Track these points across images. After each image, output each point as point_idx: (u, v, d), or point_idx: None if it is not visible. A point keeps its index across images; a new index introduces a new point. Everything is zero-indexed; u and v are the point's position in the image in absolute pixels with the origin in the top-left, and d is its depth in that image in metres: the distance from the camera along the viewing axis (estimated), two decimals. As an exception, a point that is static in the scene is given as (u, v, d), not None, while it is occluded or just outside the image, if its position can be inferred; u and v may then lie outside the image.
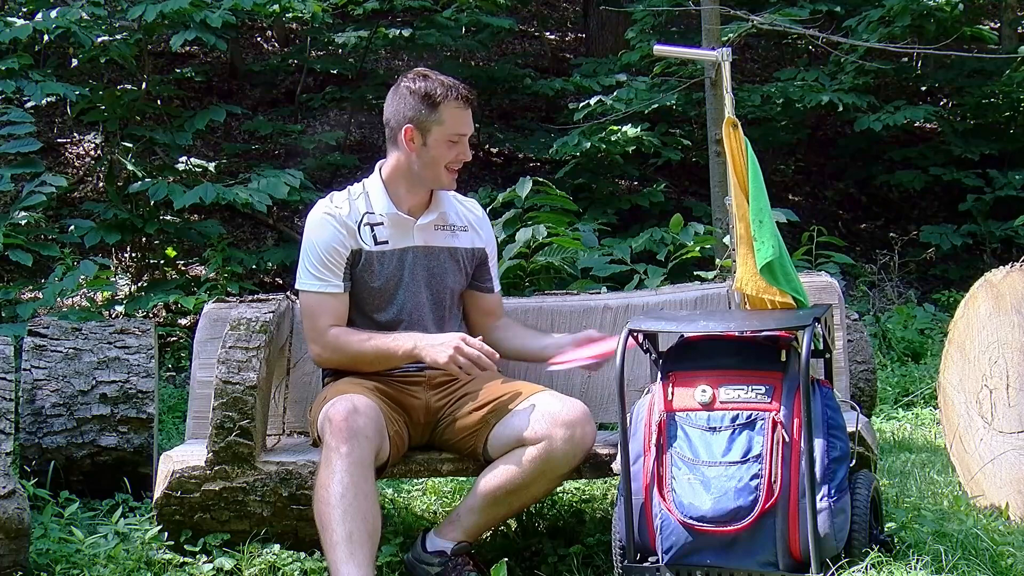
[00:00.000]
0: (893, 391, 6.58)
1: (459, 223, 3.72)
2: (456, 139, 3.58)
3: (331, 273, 3.59)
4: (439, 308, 3.67)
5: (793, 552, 3.06)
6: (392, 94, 3.63)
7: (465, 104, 3.58)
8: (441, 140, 3.57)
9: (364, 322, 3.63)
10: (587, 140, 9.05)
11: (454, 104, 3.56)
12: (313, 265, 3.60)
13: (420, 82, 3.58)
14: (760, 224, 3.29)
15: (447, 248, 3.68)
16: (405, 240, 3.63)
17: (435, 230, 3.67)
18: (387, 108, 3.64)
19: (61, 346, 4.45)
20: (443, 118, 3.55)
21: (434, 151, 3.57)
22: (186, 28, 7.94)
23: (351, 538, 3.16)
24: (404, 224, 3.63)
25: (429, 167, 3.59)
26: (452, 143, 3.58)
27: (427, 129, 3.56)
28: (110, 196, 8.33)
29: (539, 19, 13.53)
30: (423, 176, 3.61)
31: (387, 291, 3.62)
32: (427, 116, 3.55)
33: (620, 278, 6.79)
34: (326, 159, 10.06)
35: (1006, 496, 3.91)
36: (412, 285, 3.63)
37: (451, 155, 3.58)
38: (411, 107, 3.57)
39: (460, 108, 3.57)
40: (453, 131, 3.57)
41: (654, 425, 3.17)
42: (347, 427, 3.26)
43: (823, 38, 8.02)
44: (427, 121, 3.56)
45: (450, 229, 3.69)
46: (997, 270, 4.08)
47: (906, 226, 10.18)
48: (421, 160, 3.59)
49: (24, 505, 3.31)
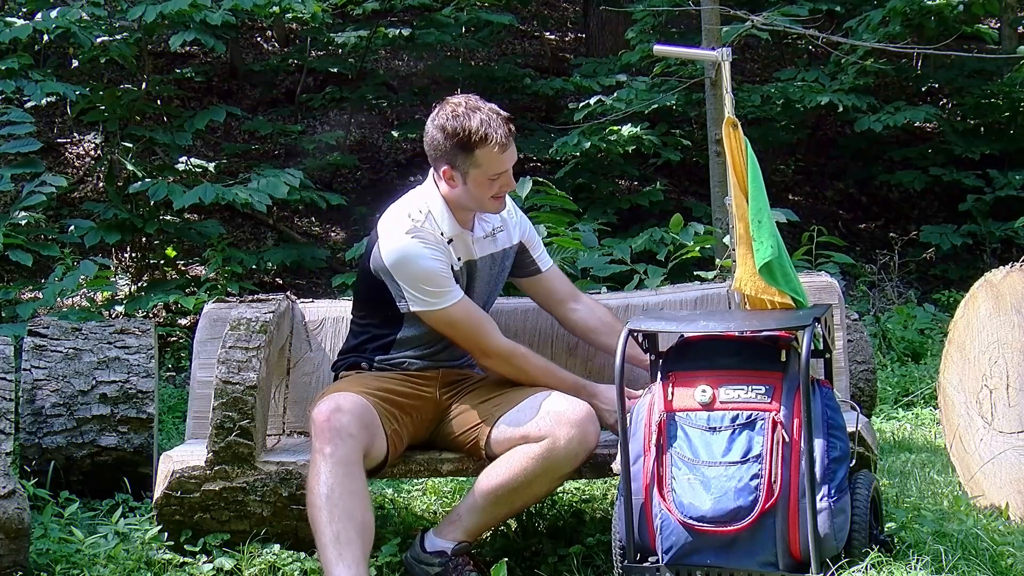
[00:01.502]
0: (893, 391, 6.58)
1: (498, 225, 3.69)
2: (496, 176, 3.50)
3: (453, 282, 3.51)
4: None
5: (793, 552, 3.06)
6: (430, 124, 3.52)
7: (502, 147, 3.46)
8: (481, 181, 3.49)
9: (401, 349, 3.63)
10: (587, 140, 9.05)
11: (493, 148, 3.45)
12: (437, 285, 3.49)
13: (454, 121, 3.45)
14: (759, 224, 3.29)
15: (490, 255, 3.67)
16: (468, 255, 3.61)
17: (484, 239, 3.65)
18: (425, 137, 3.54)
19: (61, 346, 4.45)
20: (480, 162, 3.46)
21: (475, 190, 3.51)
22: (186, 28, 7.94)
23: (339, 539, 3.17)
24: (466, 240, 3.60)
25: (473, 201, 3.54)
26: (492, 180, 3.50)
27: (465, 172, 3.48)
28: (110, 196, 8.33)
29: (539, 19, 13.52)
30: (469, 207, 3.57)
31: None
32: (462, 159, 3.47)
33: (620, 278, 6.78)
34: (326, 159, 10.06)
35: (1006, 496, 3.91)
36: (472, 298, 3.61)
37: (493, 190, 3.52)
38: (447, 149, 3.47)
39: (502, 152, 3.46)
40: (491, 172, 3.49)
41: (654, 425, 3.17)
42: (329, 427, 3.27)
43: (823, 38, 8.01)
44: (464, 164, 3.47)
45: (492, 235, 3.67)
46: (997, 270, 4.08)
47: (906, 226, 10.18)
48: (464, 195, 3.53)
49: (24, 505, 3.31)
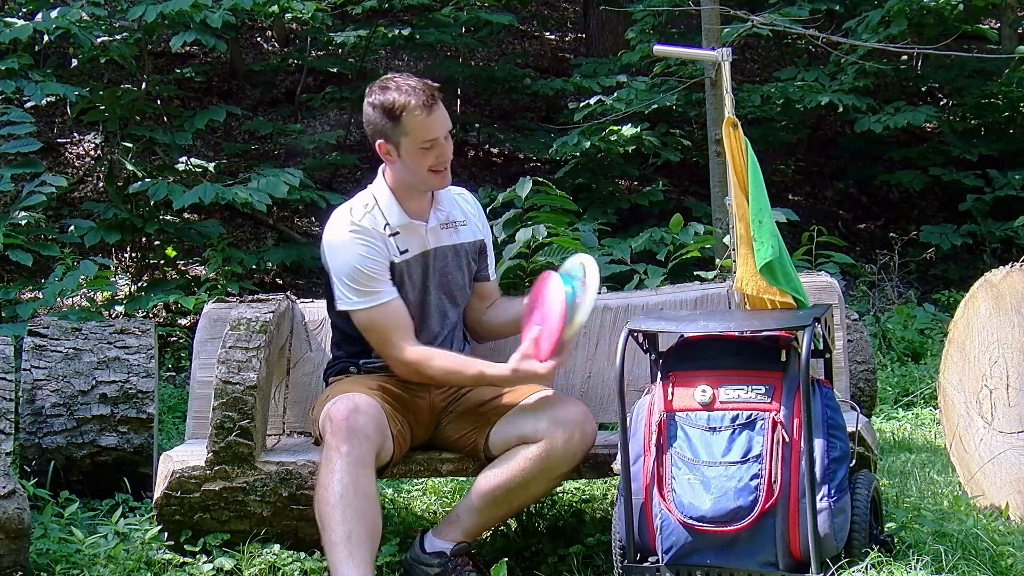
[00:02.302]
0: (893, 391, 6.58)
1: (460, 218, 3.70)
2: (428, 145, 3.49)
3: (382, 284, 3.51)
4: (449, 307, 3.65)
5: (793, 552, 3.06)
6: (364, 104, 3.57)
7: (427, 109, 3.46)
8: (413, 150, 3.49)
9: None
10: (587, 140, 9.05)
11: (416, 112, 3.46)
12: (359, 283, 3.50)
13: (380, 95, 3.50)
14: (760, 224, 3.29)
15: (453, 246, 3.66)
16: (421, 246, 3.60)
17: (442, 230, 3.64)
18: (364, 121, 3.60)
19: (61, 346, 4.45)
20: (407, 129, 3.47)
21: (410, 161, 3.51)
22: (186, 29, 7.94)
23: (350, 538, 3.16)
24: (416, 230, 3.59)
25: (412, 174, 3.54)
26: (425, 149, 3.50)
27: (397, 143, 3.50)
28: (110, 196, 8.33)
29: (539, 19, 13.53)
30: (413, 183, 3.57)
31: (417, 302, 3.59)
32: (392, 130, 3.49)
33: (620, 278, 6.79)
34: (326, 159, 10.06)
35: (1006, 496, 3.91)
36: (431, 290, 3.61)
37: (429, 160, 3.51)
38: (377, 122, 3.51)
39: (423, 115, 3.47)
40: (421, 139, 3.48)
41: (654, 425, 3.17)
42: (347, 426, 3.26)
43: (823, 38, 8.01)
44: (394, 135, 3.50)
45: (453, 226, 3.67)
46: (997, 270, 4.08)
47: (906, 226, 10.18)
48: (404, 170, 3.54)
49: (24, 505, 3.31)
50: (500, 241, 6.39)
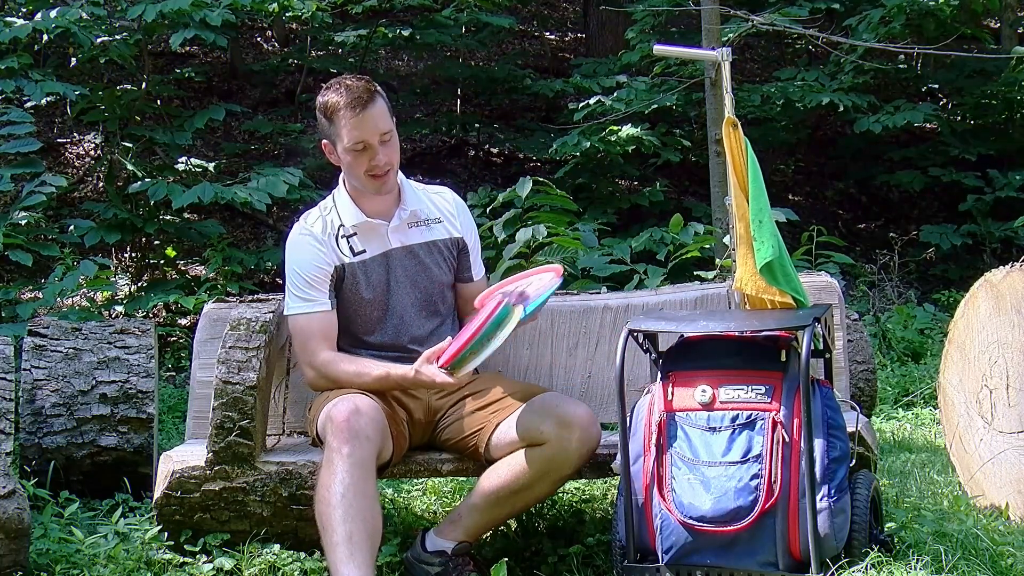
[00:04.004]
0: (893, 391, 6.58)
1: (432, 216, 3.67)
2: (359, 147, 3.47)
3: (317, 291, 3.54)
4: (429, 305, 3.64)
5: (793, 552, 3.07)
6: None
7: (355, 110, 3.43)
8: (347, 153, 3.49)
9: (357, 349, 3.59)
10: (587, 140, 9.05)
11: (347, 114, 3.44)
12: (298, 287, 3.55)
13: (322, 95, 3.52)
14: (760, 224, 3.29)
15: (424, 243, 3.64)
16: (382, 245, 3.59)
17: (409, 228, 3.62)
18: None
19: (61, 346, 4.45)
20: (340, 131, 3.47)
21: (347, 163, 3.51)
22: (186, 27, 7.93)
23: (351, 539, 3.15)
24: (376, 229, 3.59)
25: (352, 177, 3.55)
26: (357, 152, 3.48)
27: (335, 144, 3.51)
28: (110, 196, 8.33)
29: (539, 19, 13.53)
30: (355, 185, 3.57)
31: (379, 301, 3.59)
32: (330, 131, 3.50)
33: (620, 278, 6.79)
34: (325, 159, 10.05)
35: (1006, 496, 3.92)
36: (399, 289, 3.61)
37: (363, 164, 3.49)
38: (321, 122, 3.53)
39: (353, 116, 3.44)
40: (351, 142, 3.46)
41: (654, 425, 3.17)
42: (349, 427, 3.25)
43: (823, 38, 8.01)
44: (332, 136, 3.51)
45: (424, 224, 3.65)
46: (997, 270, 4.08)
47: (906, 226, 10.18)
48: (347, 170, 3.55)
49: (24, 505, 3.31)
50: (500, 241, 6.40)
